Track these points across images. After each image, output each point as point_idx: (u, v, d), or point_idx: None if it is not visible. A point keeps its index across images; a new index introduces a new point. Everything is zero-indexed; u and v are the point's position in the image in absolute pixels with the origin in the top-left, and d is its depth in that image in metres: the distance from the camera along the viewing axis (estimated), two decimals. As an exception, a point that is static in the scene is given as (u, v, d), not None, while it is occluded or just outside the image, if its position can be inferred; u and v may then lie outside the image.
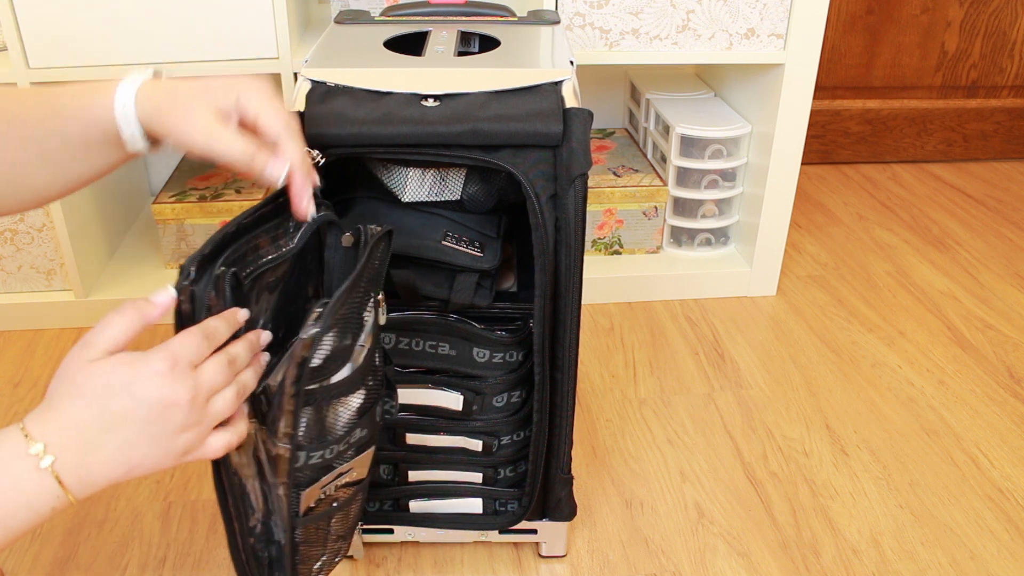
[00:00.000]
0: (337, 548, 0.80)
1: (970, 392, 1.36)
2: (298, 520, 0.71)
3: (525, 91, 0.83)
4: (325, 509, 0.74)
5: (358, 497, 0.79)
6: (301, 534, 0.73)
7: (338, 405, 0.70)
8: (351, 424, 0.71)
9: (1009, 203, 2.01)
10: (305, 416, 0.67)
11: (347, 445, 0.72)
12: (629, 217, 1.59)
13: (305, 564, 0.76)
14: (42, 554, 1.05)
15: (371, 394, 0.73)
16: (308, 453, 0.68)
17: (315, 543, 0.76)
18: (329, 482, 0.72)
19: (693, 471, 1.19)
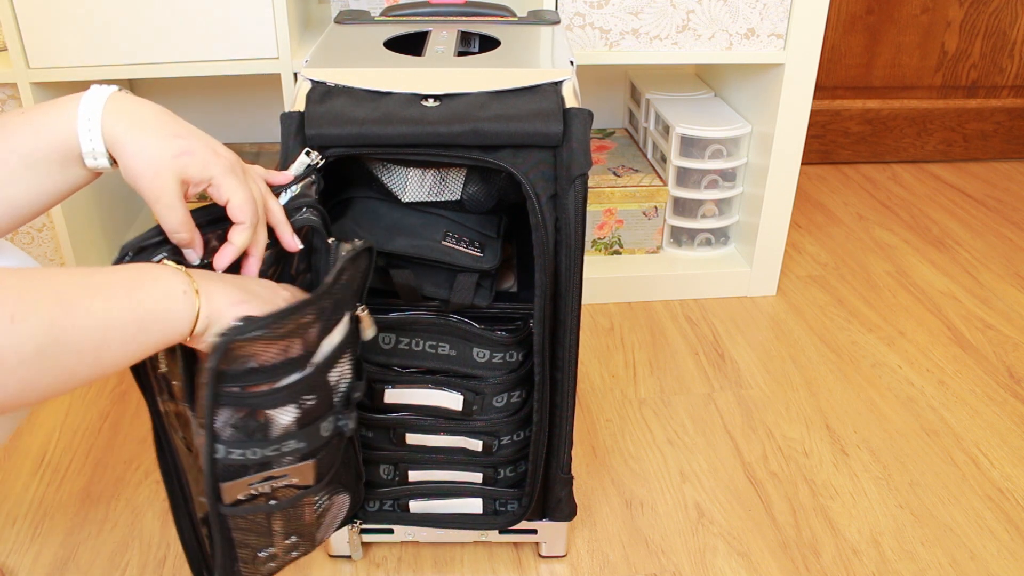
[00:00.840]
0: (292, 544, 0.79)
1: (970, 392, 1.36)
2: (224, 508, 0.71)
3: (525, 91, 0.83)
4: (262, 504, 0.73)
5: (309, 501, 0.78)
6: (235, 522, 0.73)
7: (261, 415, 0.69)
8: (284, 435, 0.70)
9: (1009, 203, 2.02)
10: (223, 415, 0.66)
11: (277, 452, 0.71)
12: (629, 217, 1.59)
13: (244, 550, 0.75)
14: (42, 554, 1.05)
15: (310, 412, 0.72)
16: (228, 448, 0.68)
17: (254, 533, 0.75)
18: (258, 481, 0.72)
19: (693, 471, 1.19)
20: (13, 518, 1.10)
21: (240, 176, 0.67)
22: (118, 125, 0.63)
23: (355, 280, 0.73)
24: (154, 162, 0.63)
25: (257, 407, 0.67)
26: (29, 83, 1.29)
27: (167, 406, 0.72)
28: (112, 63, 1.30)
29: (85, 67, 1.30)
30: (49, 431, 1.25)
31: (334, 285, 0.68)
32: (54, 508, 1.12)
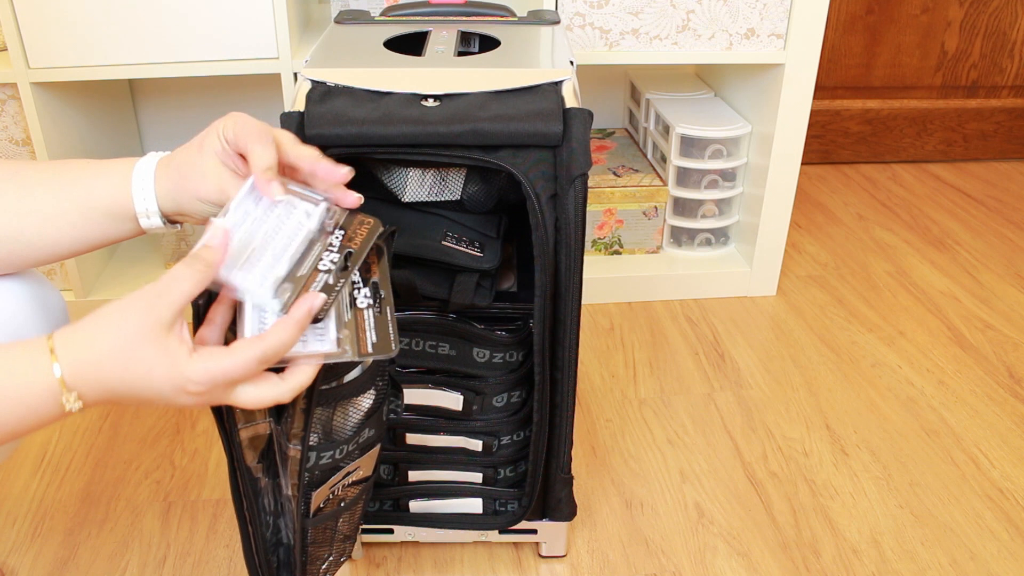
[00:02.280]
0: (343, 548, 0.80)
1: (970, 392, 1.36)
2: (308, 521, 0.71)
3: (525, 91, 0.83)
4: (333, 509, 0.74)
5: (363, 496, 0.79)
6: (311, 535, 0.73)
7: (348, 406, 0.70)
8: (359, 424, 0.71)
9: (1009, 203, 2.02)
10: (317, 417, 0.67)
11: (355, 445, 0.72)
12: (629, 217, 1.59)
13: (313, 564, 0.76)
14: (42, 554, 1.05)
15: (380, 394, 0.73)
16: (319, 454, 0.68)
17: (323, 544, 0.76)
18: (337, 482, 0.72)
19: (693, 471, 1.19)
20: (13, 518, 1.10)
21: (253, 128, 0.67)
22: (167, 185, 0.67)
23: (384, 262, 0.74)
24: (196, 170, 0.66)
25: (348, 396, 0.68)
26: (29, 83, 1.29)
27: (243, 433, 0.71)
28: (112, 63, 1.30)
29: (85, 67, 1.30)
30: (49, 431, 1.25)
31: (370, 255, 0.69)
32: (54, 508, 1.12)
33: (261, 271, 0.62)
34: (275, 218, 0.65)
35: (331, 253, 0.65)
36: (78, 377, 0.56)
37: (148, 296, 0.57)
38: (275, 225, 0.64)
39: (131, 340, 0.56)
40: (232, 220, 0.63)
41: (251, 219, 0.64)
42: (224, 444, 0.70)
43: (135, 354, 0.56)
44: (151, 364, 0.57)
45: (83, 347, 0.56)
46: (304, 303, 0.61)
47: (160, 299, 0.57)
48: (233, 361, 0.58)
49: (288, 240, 0.64)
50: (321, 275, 0.63)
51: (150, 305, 0.57)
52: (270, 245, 0.63)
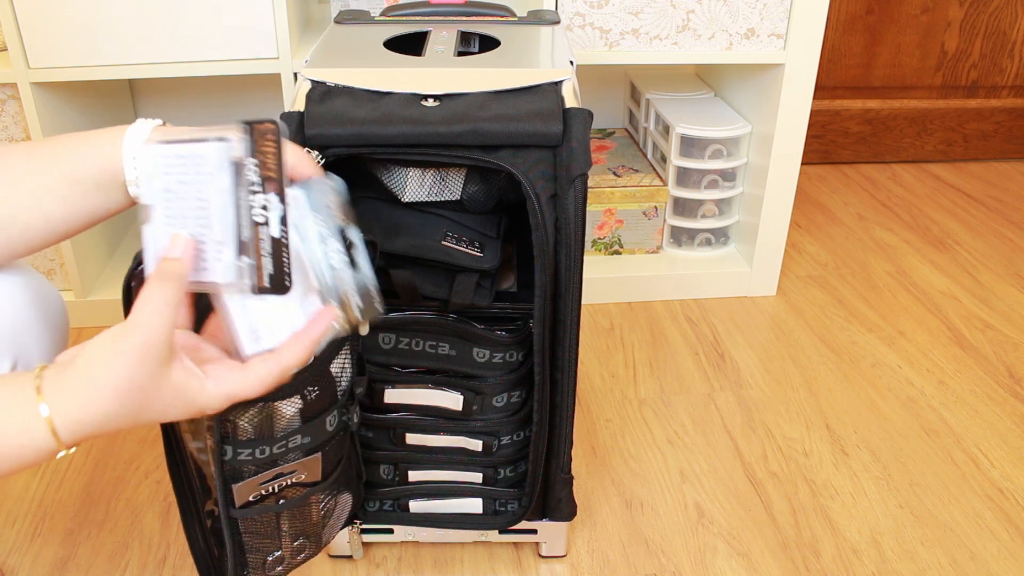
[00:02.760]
0: (299, 546, 0.79)
1: (970, 392, 1.36)
2: (235, 511, 0.71)
3: (525, 91, 0.83)
4: (271, 504, 0.74)
5: (315, 499, 0.78)
6: (245, 525, 0.73)
7: (270, 409, 0.69)
8: (289, 429, 0.71)
9: (1009, 203, 2.02)
10: (237, 415, 0.67)
11: (283, 448, 0.71)
12: (629, 217, 1.59)
13: (254, 554, 0.75)
14: (42, 554, 1.05)
15: (313, 404, 0.72)
16: (236, 449, 0.68)
17: (264, 536, 0.75)
18: (268, 480, 0.72)
19: (693, 471, 1.19)
20: (13, 518, 1.10)
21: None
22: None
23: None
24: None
25: (264, 401, 0.68)
26: (29, 83, 1.29)
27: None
28: (112, 63, 1.30)
29: (85, 67, 1.30)
30: (49, 431, 1.25)
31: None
32: (54, 508, 1.12)
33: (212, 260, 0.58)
34: (191, 183, 0.58)
35: (256, 195, 0.58)
36: (76, 437, 0.54)
37: (137, 343, 0.53)
38: (195, 193, 0.58)
39: (137, 394, 0.54)
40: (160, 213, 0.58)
41: (174, 198, 0.58)
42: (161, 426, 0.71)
43: (145, 404, 0.55)
44: (165, 406, 0.56)
45: (82, 411, 0.54)
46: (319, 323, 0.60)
47: (149, 344, 0.54)
48: (251, 382, 0.58)
49: (214, 206, 0.57)
50: (260, 228, 0.57)
51: (143, 354, 0.53)
52: (204, 221, 0.57)
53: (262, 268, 0.58)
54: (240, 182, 0.57)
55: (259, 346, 0.60)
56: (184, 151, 0.57)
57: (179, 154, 0.57)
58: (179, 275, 0.56)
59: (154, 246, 0.58)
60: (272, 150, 0.57)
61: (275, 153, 0.57)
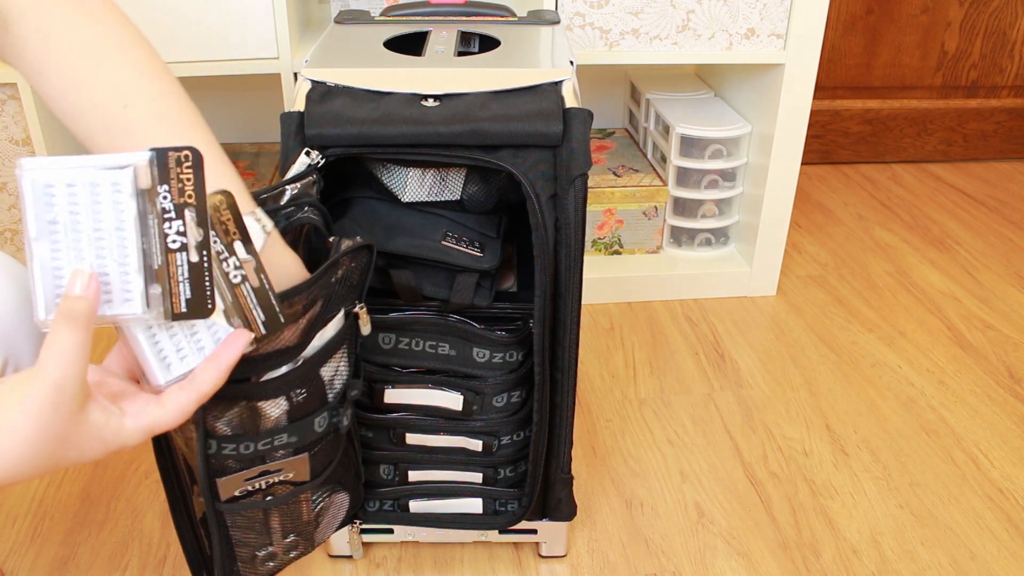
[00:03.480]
0: (291, 543, 0.79)
1: (970, 392, 1.36)
2: (220, 505, 0.71)
3: (525, 91, 0.83)
4: (258, 500, 0.74)
5: (305, 497, 0.78)
6: (231, 519, 0.73)
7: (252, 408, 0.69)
8: (275, 428, 0.71)
9: (1009, 203, 2.02)
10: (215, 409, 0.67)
11: (269, 445, 0.71)
12: (629, 217, 1.59)
13: (243, 549, 0.75)
14: (42, 554, 1.05)
15: (301, 406, 0.72)
16: (220, 443, 0.68)
17: (251, 530, 0.75)
18: (254, 476, 0.72)
19: (693, 471, 1.19)
20: (13, 518, 1.10)
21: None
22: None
23: (352, 277, 0.73)
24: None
25: (247, 399, 0.68)
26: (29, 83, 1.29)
27: None
28: (112, 63, 1.30)
29: (85, 67, 1.29)
30: (49, 431, 1.25)
31: (323, 276, 0.68)
32: (54, 508, 1.12)
33: (118, 291, 0.55)
34: (85, 213, 0.54)
35: (169, 221, 0.55)
36: None
37: (48, 389, 0.51)
38: (92, 224, 0.54)
39: (52, 441, 0.51)
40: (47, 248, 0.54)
41: (63, 230, 0.54)
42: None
43: (60, 448, 0.52)
44: (82, 447, 0.53)
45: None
46: (232, 347, 0.59)
47: (62, 389, 0.51)
48: (168, 414, 0.56)
49: (118, 236, 0.55)
50: (177, 255, 0.56)
51: (57, 399, 0.51)
52: (106, 252, 0.55)
53: (178, 294, 0.56)
54: (149, 209, 0.55)
55: (170, 374, 0.59)
56: (76, 178, 0.54)
57: (68, 182, 0.54)
58: (86, 314, 0.53)
59: (43, 283, 0.54)
60: (189, 176, 0.55)
61: (193, 179, 0.55)
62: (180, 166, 0.55)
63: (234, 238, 0.59)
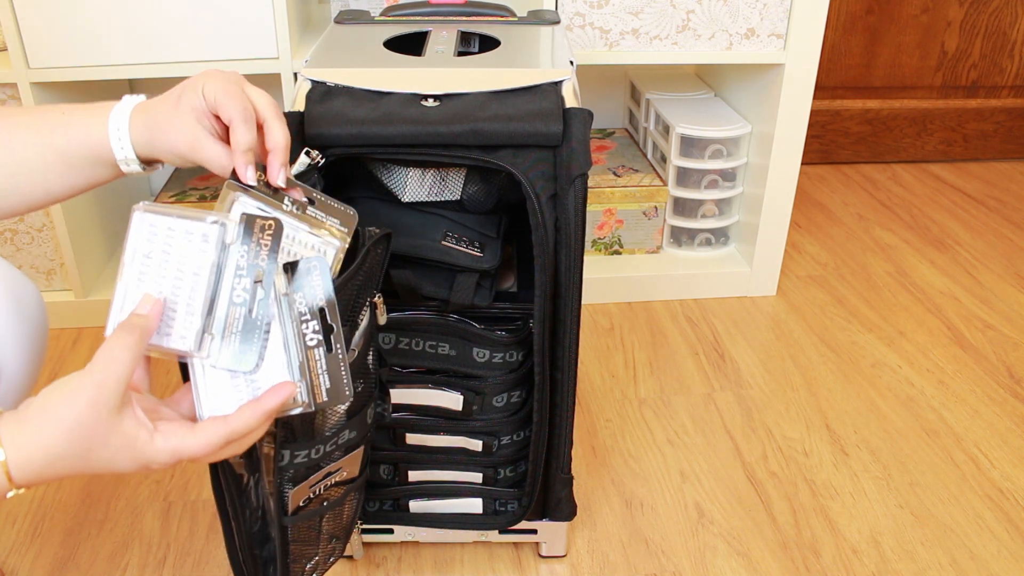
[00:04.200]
0: (331, 549, 0.80)
1: (970, 392, 1.36)
2: (287, 519, 0.72)
3: (525, 91, 0.83)
4: (315, 508, 0.74)
5: (350, 497, 0.79)
6: (292, 533, 0.73)
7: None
8: (339, 425, 0.71)
9: (1009, 203, 2.02)
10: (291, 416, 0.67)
11: (334, 446, 0.72)
12: (629, 217, 1.59)
13: (297, 563, 0.76)
14: (42, 554, 1.05)
15: (360, 397, 0.73)
16: (293, 452, 0.68)
17: (307, 542, 0.76)
18: (318, 481, 0.72)
19: (693, 471, 1.19)
20: (13, 518, 1.10)
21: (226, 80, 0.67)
22: (142, 134, 0.67)
23: (375, 266, 0.73)
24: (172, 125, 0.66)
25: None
26: (29, 83, 1.29)
27: None
28: (112, 63, 1.30)
29: (85, 67, 1.30)
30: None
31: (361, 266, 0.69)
32: (54, 508, 1.12)
33: (179, 327, 0.61)
34: (175, 254, 0.62)
35: (241, 278, 0.62)
36: (25, 474, 0.55)
37: (90, 385, 0.55)
38: (176, 264, 0.61)
39: (86, 436, 0.55)
40: (135, 273, 0.61)
41: (152, 264, 0.61)
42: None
43: (93, 448, 0.55)
44: (113, 453, 0.56)
45: (31, 448, 0.55)
46: (275, 395, 0.61)
47: (103, 387, 0.55)
48: (198, 442, 0.58)
49: (194, 278, 0.61)
50: (238, 309, 0.61)
51: (95, 396, 0.55)
52: (179, 291, 0.61)
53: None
54: (226, 263, 0.61)
55: (216, 411, 0.61)
56: (176, 224, 0.61)
57: (169, 226, 0.61)
58: (143, 328, 0.58)
59: (121, 302, 0.61)
60: (267, 243, 0.62)
61: (269, 245, 0.62)
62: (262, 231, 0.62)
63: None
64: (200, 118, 0.66)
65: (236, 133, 0.65)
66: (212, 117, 0.66)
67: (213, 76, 0.66)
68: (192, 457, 0.58)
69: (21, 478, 0.55)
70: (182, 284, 0.61)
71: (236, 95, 0.65)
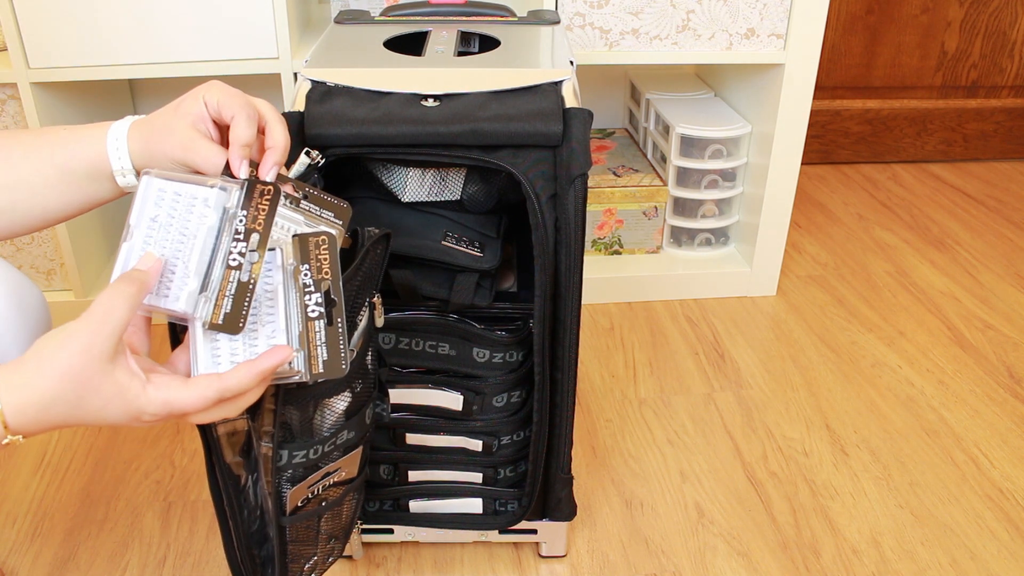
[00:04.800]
0: (330, 549, 0.80)
1: (970, 392, 1.36)
2: (285, 519, 0.72)
3: (525, 91, 0.83)
4: (314, 508, 0.74)
5: (349, 497, 0.79)
6: (290, 533, 0.73)
7: (323, 406, 0.70)
8: (337, 425, 0.71)
9: (1009, 203, 2.02)
10: (287, 415, 0.67)
11: (333, 446, 0.72)
12: (629, 217, 1.59)
13: (296, 563, 0.76)
14: (42, 554, 1.05)
15: (358, 397, 0.73)
16: (291, 452, 0.68)
17: (305, 542, 0.76)
18: (316, 481, 0.72)
19: (693, 471, 1.19)
20: (13, 518, 1.10)
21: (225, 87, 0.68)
22: (139, 142, 0.68)
23: (374, 266, 0.73)
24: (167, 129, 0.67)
25: (320, 397, 0.68)
26: (29, 83, 1.29)
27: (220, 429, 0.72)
28: (112, 63, 1.30)
29: (85, 67, 1.30)
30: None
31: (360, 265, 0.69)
32: (54, 508, 1.12)
33: (176, 288, 0.61)
34: (179, 218, 0.63)
35: (238, 242, 0.62)
36: (20, 419, 0.55)
37: (85, 333, 0.56)
38: (180, 227, 0.63)
39: (79, 382, 0.56)
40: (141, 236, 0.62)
41: (158, 227, 0.63)
42: (202, 439, 0.71)
43: (86, 395, 0.56)
44: (105, 402, 0.57)
45: (26, 391, 0.55)
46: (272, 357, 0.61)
47: (98, 335, 0.56)
48: (190, 395, 0.58)
49: (194, 242, 0.62)
50: (233, 272, 0.61)
51: (89, 343, 0.56)
52: (180, 254, 0.62)
53: (221, 306, 0.61)
54: (226, 228, 0.62)
55: (212, 370, 0.62)
56: (182, 189, 0.63)
57: (176, 191, 0.63)
58: (141, 282, 0.59)
59: (124, 262, 0.62)
60: (265, 207, 0.62)
61: (268, 210, 0.63)
62: (260, 196, 0.63)
63: (325, 277, 0.64)
64: (196, 123, 0.66)
65: (237, 127, 0.65)
66: (210, 122, 0.67)
67: (215, 85, 0.67)
68: (183, 411, 0.58)
69: (17, 424, 0.55)
70: (183, 247, 0.62)
71: (239, 97, 0.67)
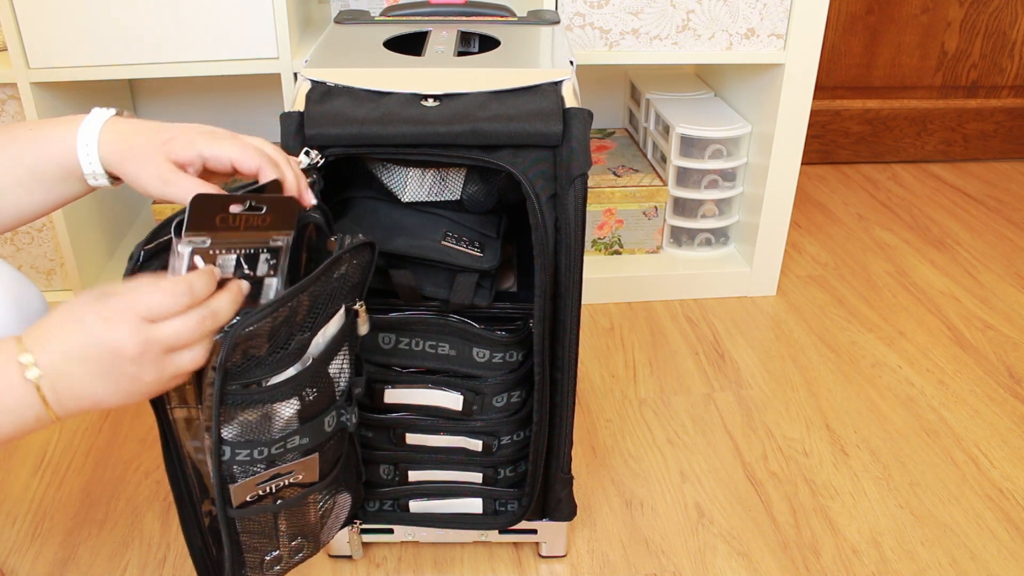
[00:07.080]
0: (297, 546, 0.79)
1: (970, 392, 1.36)
2: (232, 511, 0.71)
3: (525, 91, 0.83)
4: (268, 505, 0.74)
5: (313, 498, 0.78)
6: (242, 524, 0.73)
7: (267, 410, 0.69)
8: (288, 430, 0.71)
9: (1009, 203, 2.02)
10: (234, 415, 0.67)
11: (282, 449, 0.71)
12: (629, 217, 1.59)
13: (252, 554, 0.76)
14: (42, 554, 1.05)
15: (311, 406, 0.72)
16: (233, 449, 0.68)
17: (261, 535, 0.75)
18: (265, 481, 0.72)
19: (693, 471, 1.19)
20: (13, 518, 1.10)
21: (229, 137, 0.69)
22: (112, 152, 0.68)
23: (354, 274, 0.73)
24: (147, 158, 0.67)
25: (261, 402, 0.68)
26: (29, 83, 1.29)
27: (177, 413, 0.72)
28: (112, 63, 1.30)
29: (85, 67, 1.30)
30: (49, 431, 1.25)
31: (326, 273, 0.68)
32: (54, 508, 1.12)
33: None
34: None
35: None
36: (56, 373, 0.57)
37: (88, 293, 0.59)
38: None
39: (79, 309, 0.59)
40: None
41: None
42: (158, 423, 0.72)
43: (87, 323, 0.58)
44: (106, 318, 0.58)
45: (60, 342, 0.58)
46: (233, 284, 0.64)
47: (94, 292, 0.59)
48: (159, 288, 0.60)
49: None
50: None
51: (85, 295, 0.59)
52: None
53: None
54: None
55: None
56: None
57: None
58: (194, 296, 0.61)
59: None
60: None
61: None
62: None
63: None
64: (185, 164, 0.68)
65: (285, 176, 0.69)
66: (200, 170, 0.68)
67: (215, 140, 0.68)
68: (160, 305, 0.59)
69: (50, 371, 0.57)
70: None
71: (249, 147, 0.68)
